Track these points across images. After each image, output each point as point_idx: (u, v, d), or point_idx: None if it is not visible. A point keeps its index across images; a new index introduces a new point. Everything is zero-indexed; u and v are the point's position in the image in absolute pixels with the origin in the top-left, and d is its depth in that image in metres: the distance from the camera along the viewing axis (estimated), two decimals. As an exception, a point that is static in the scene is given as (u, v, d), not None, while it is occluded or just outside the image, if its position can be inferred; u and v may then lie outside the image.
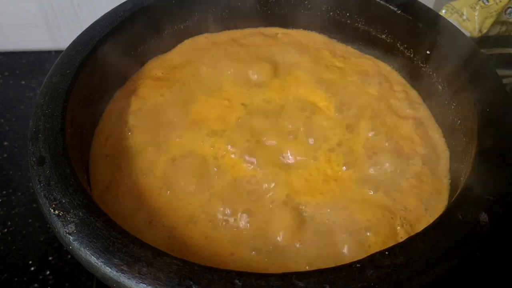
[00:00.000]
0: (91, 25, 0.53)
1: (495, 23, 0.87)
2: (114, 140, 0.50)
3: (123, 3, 0.56)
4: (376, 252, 0.34)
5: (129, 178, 0.47)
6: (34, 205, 0.64)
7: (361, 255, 0.34)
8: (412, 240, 0.34)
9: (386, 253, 0.33)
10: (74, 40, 0.51)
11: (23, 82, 0.84)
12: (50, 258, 0.59)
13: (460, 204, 0.37)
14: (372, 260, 0.33)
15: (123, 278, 0.32)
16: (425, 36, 0.54)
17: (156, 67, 0.59)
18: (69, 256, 0.59)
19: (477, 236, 0.35)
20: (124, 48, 0.55)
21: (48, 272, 0.58)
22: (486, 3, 0.85)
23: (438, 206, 0.46)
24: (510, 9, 0.87)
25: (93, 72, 0.50)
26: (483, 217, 0.36)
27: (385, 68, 0.60)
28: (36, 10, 0.84)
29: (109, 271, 0.33)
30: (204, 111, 0.53)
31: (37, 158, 0.40)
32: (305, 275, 0.32)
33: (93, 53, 0.50)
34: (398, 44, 0.58)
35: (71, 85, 0.45)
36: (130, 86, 0.56)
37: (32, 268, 0.58)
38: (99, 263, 0.33)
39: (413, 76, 0.57)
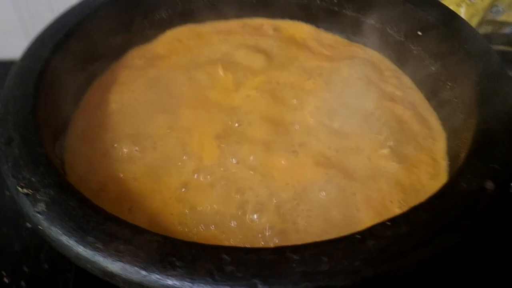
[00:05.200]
0: (68, 10, 0.50)
1: (482, 21, 0.86)
2: (92, 129, 0.47)
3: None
4: (378, 223, 0.31)
5: (107, 165, 0.44)
6: (8, 213, 0.60)
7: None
8: (415, 210, 0.32)
9: (388, 223, 0.31)
10: (49, 24, 0.48)
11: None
12: (25, 269, 0.55)
13: (463, 173, 0.34)
14: (373, 231, 0.30)
15: (97, 257, 0.29)
16: (416, 16, 0.52)
17: (136, 57, 0.56)
18: (46, 266, 0.55)
19: (483, 204, 0.32)
20: (101, 36, 0.53)
21: (23, 283, 0.54)
22: (472, 0, 0.84)
23: (436, 188, 0.43)
24: (495, 8, 0.87)
25: (68, 57, 0.47)
26: (489, 184, 0.33)
27: (375, 56, 0.58)
28: (14, 17, 0.81)
29: (82, 250, 0.29)
30: (185, 100, 0.51)
31: (6, 139, 0.37)
32: (301, 248, 0.29)
33: (68, 38, 0.47)
34: (388, 29, 0.56)
35: (44, 66, 0.43)
36: (109, 74, 0.53)
37: (6, 280, 0.54)
38: (71, 242, 0.30)
39: (405, 61, 0.55)
